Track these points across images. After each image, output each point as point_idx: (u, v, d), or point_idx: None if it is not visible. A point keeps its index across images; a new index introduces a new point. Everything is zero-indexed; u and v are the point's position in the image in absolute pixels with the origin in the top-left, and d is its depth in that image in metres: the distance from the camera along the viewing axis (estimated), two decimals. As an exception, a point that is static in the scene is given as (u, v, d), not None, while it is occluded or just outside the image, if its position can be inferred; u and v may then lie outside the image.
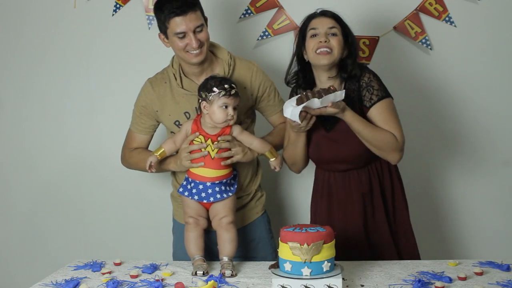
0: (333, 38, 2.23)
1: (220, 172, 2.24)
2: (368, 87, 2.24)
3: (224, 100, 2.18)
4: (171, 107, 2.38)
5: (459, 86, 2.94)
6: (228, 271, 2.08)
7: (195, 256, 2.18)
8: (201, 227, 2.25)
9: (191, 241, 2.23)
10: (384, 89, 2.26)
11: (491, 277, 2.00)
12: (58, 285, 2.02)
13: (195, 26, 2.25)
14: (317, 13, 2.28)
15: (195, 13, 2.25)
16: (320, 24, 2.24)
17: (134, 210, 3.07)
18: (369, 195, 2.30)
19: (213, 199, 2.22)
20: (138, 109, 2.45)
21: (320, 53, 2.22)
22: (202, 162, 2.22)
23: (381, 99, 2.24)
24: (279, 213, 3.02)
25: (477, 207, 3.00)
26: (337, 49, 2.22)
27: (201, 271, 2.08)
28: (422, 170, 2.98)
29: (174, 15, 2.23)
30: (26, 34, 3.02)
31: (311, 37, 2.25)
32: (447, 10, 2.86)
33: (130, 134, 2.51)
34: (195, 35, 2.25)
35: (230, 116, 2.20)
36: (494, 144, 2.96)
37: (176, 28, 2.25)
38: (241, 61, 2.44)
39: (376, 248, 2.31)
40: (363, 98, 2.24)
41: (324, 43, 2.21)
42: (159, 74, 2.45)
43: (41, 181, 3.10)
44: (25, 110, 3.07)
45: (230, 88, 2.19)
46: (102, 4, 2.96)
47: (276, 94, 2.50)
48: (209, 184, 2.22)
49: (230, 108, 2.19)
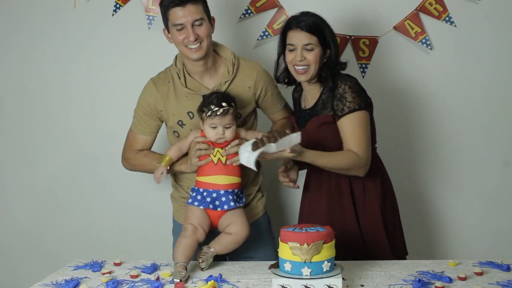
0: (309, 53, 2.24)
1: (232, 179, 2.23)
2: (342, 98, 2.23)
3: (211, 121, 2.19)
4: (174, 106, 2.37)
5: (459, 86, 2.94)
6: (204, 264, 2.12)
7: (179, 261, 2.11)
8: (197, 238, 2.20)
9: (181, 247, 2.16)
10: (358, 101, 2.23)
11: (491, 277, 2.00)
12: (58, 285, 2.02)
13: (193, 19, 2.24)
14: (293, 24, 2.25)
15: (195, 6, 2.24)
16: (296, 40, 2.24)
17: (134, 210, 3.07)
18: (348, 190, 2.31)
19: (227, 207, 2.21)
20: (141, 110, 2.43)
21: (297, 71, 2.26)
22: (209, 157, 2.21)
23: (352, 112, 2.22)
24: (279, 213, 3.02)
25: (477, 207, 3.00)
26: (313, 64, 2.24)
27: (178, 278, 2.03)
28: (421, 169, 2.99)
29: (173, 5, 2.23)
30: (26, 34, 3.02)
31: (289, 51, 2.27)
32: (447, 10, 2.86)
33: (132, 135, 2.48)
34: (193, 28, 2.24)
35: (220, 135, 2.20)
36: (494, 144, 2.96)
37: (175, 20, 2.25)
38: (245, 61, 2.43)
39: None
40: (335, 107, 2.24)
41: (300, 61, 2.23)
42: (162, 73, 2.43)
43: (41, 181, 3.10)
44: (25, 110, 3.07)
45: (218, 107, 2.17)
46: (102, 4, 2.96)
47: (277, 92, 2.51)
48: (222, 192, 2.21)
49: (219, 128, 2.20)
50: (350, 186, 2.31)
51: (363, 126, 2.24)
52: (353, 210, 2.31)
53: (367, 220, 2.30)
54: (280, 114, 2.53)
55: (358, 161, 2.21)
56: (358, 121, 2.23)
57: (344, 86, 2.24)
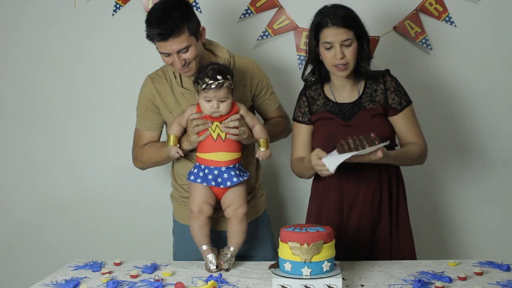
0: (348, 49, 2.21)
1: (233, 155, 2.21)
2: (397, 92, 2.29)
3: (205, 94, 2.15)
4: (171, 104, 2.37)
5: (459, 86, 2.94)
6: (226, 264, 2.12)
7: (202, 246, 2.19)
8: (205, 215, 2.22)
9: (196, 230, 2.22)
10: (407, 95, 2.33)
11: (491, 277, 2.00)
12: (58, 285, 2.02)
13: (178, 49, 2.20)
14: (327, 22, 2.20)
15: (178, 38, 2.17)
16: (333, 37, 2.19)
17: (134, 210, 3.07)
18: (378, 190, 2.30)
19: (230, 183, 2.18)
20: (142, 106, 2.42)
21: (337, 67, 2.22)
22: (208, 132, 2.18)
23: (409, 105, 2.31)
24: (279, 212, 3.03)
25: (477, 207, 3.00)
26: (352, 60, 2.23)
27: (214, 266, 2.12)
28: (422, 169, 2.97)
29: (156, 40, 2.21)
30: (26, 34, 3.02)
31: (326, 49, 2.23)
32: (447, 10, 2.86)
33: (138, 133, 2.46)
34: (179, 55, 2.21)
35: (214, 109, 2.16)
36: (494, 144, 2.96)
37: (160, 49, 2.23)
38: (240, 58, 2.43)
39: (373, 248, 2.31)
40: (391, 101, 2.28)
41: (340, 59, 2.20)
42: (159, 71, 2.43)
43: (41, 181, 3.10)
44: (25, 110, 3.07)
45: (212, 81, 2.13)
46: (102, 4, 2.96)
47: (272, 91, 2.50)
48: (224, 168, 2.18)
49: (214, 101, 2.15)
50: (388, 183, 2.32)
51: (416, 118, 2.34)
52: (388, 208, 2.31)
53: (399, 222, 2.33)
54: (274, 113, 2.52)
55: (424, 151, 2.32)
56: (413, 113, 2.33)
57: (394, 80, 2.31)
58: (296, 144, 2.39)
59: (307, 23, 2.30)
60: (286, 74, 2.90)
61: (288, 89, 2.71)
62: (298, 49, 2.91)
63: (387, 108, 2.29)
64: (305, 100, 2.37)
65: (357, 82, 2.31)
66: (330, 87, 2.34)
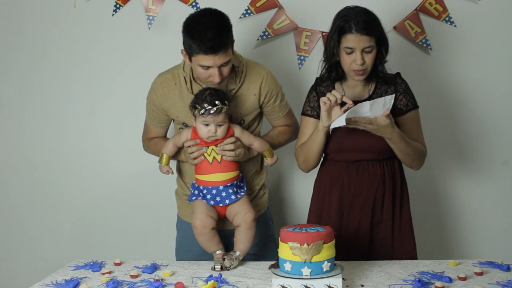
0: (368, 55, 2.22)
1: (229, 174, 2.25)
2: (405, 94, 2.33)
3: (203, 118, 2.19)
4: (179, 109, 2.38)
5: (459, 86, 2.94)
6: (228, 263, 2.14)
7: (213, 251, 2.23)
8: (209, 228, 2.24)
9: (204, 243, 2.25)
10: (415, 99, 2.36)
11: (491, 277, 2.00)
12: (58, 285, 2.02)
13: (222, 62, 2.19)
14: (351, 28, 2.19)
15: (225, 52, 2.18)
16: (356, 44, 2.19)
17: (134, 210, 3.07)
18: (382, 188, 2.30)
19: (228, 201, 2.23)
20: (150, 106, 2.45)
21: (356, 72, 2.23)
22: (202, 157, 2.23)
23: (415, 108, 2.35)
24: (281, 212, 3.02)
25: (477, 207, 3.00)
26: (370, 65, 2.24)
27: (219, 265, 2.14)
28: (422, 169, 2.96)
29: (204, 53, 2.16)
30: (26, 34, 3.02)
31: (346, 54, 2.23)
32: (447, 10, 2.86)
33: (146, 126, 2.53)
34: (219, 69, 2.20)
35: (212, 133, 2.20)
36: (494, 144, 2.96)
37: (203, 62, 2.19)
38: (253, 65, 2.41)
39: (373, 246, 2.31)
40: (398, 102, 2.30)
41: (360, 65, 2.21)
42: (170, 73, 2.41)
43: (41, 181, 3.10)
44: (25, 110, 3.07)
45: (211, 106, 2.16)
46: (102, 4, 2.96)
47: (282, 99, 2.48)
48: (221, 187, 2.23)
49: (212, 125, 2.19)
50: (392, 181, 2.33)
51: (420, 123, 2.38)
52: (391, 206, 2.32)
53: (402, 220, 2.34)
54: (280, 121, 2.51)
55: (424, 154, 2.35)
56: (418, 118, 2.37)
57: (404, 82, 2.35)
58: (303, 133, 2.38)
59: (307, 23, 2.31)
60: (286, 74, 2.90)
61: (288, 89, 2.69)
62: (298, 49, 2.91)
63: (394, 109, 2.28)
64: (315, 95, 2.37)
65: (369, 82, 2.33)
66: (341, 84, 2.35)
